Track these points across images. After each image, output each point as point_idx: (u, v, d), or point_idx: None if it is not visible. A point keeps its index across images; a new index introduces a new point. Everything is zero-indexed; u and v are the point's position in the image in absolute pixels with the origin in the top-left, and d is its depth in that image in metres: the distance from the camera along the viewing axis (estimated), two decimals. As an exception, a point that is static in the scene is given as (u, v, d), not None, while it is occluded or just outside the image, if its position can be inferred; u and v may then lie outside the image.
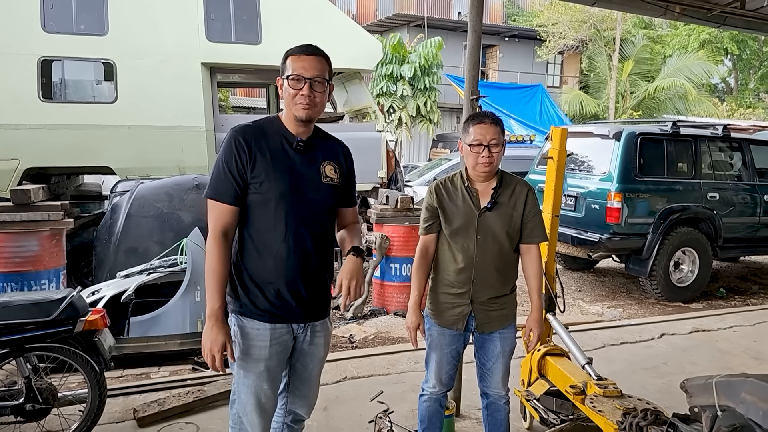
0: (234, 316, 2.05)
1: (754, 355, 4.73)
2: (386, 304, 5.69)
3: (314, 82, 1.97)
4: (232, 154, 1.97)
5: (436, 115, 17.83)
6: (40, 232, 4.61)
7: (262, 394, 2.04)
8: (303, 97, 1.97)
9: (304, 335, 2.10)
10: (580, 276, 7.85)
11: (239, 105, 18.74)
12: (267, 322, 2.02)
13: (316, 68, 1.99)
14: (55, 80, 6.55)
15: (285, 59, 2.01)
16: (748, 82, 29.36)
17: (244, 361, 2.02)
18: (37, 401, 2.88)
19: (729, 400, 1.72)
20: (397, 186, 7.40)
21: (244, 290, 2.02)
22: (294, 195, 1.99)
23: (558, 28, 21.48)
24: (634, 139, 6.40)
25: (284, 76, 2.00)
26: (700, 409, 1.81)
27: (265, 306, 2.02)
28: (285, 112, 2.06)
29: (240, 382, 2.05)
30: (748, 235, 7.05)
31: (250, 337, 2.02)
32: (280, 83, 2.03)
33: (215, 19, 6.63)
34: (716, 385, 1.76)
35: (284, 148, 2.03)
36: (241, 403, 2.06)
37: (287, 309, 2.04)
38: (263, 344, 2.01)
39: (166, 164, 6.34)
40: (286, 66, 2.00)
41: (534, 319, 2.57)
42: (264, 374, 2.03)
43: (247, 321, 2.02)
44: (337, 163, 2.14)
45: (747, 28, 6.09)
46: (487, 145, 2.37)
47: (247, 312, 2.02)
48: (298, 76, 1.97)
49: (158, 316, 4.38)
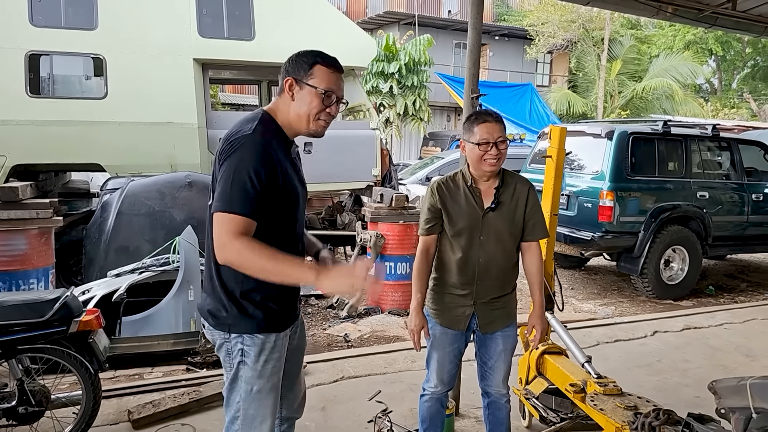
0: (244, 336, 1.89)
1: (745, 353, 4.78)
2: (381, 302, 5.66)
3: (340, 102, 1.93)
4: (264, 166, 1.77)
5: (427, 113, 17.79)
6: (28, 230, 4.53)
7: (274, 404, 1.97)
8: (328, 116, 1.90)
9: (294, 331, 2.09)
10: (571, 274, 7.89)
11: (229, 102, 18.57)
12: (281, 331, 1.95)
13: (343, 87, 1.95)
14: (43, 75, 6.43)
15: (311, 65, 1.87)
16: (732, 82, 29.82)
17: (261, 378, 1.90)
18: (29, 404, 2.82)
19: (764, 402, 1.70)
20: (391, 184, 7.37)
21: (256, 307, 1.88)
22: (297, 201, 1.96)
23: (547, 28, 21.64)
24: (626, 138, 6.44)
25: (311, 85, 1.85)
26: (729, 411, 1.80)
27: (281, 317, 1.95)
28: (288, 117, 1.90)
29: (249, 398, 1.91)
30: (736, 233, 7.14)
31: (267, 351, 1.90)
32: (291, 84, 1.87)
33: (207, 15, 6.55)
34: (750, 386, 1.75)
35: (287, 155, 1.93)
36: (248, 418, 1.92)
37: (295, 311, 2.04)
38: (278, 355, 1.94)
39: (157, 161, 6.25)
40: (313, 74, 1.86)
41: (537, 315, 2.56)
42: (277, 385, 1.96)
43: (264, 336, 1.90)
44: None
45: (737, 29, 6.16)
46: (494, 143, 2.35)
47: (265, 328, 1.90)
48: (331, 93, 1.88)
49: (150, 315, 4.33)
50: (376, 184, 7.10)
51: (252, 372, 1.90)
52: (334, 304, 5.63)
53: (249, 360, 1.89)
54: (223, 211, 1.74)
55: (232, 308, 1.88)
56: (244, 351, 1.89)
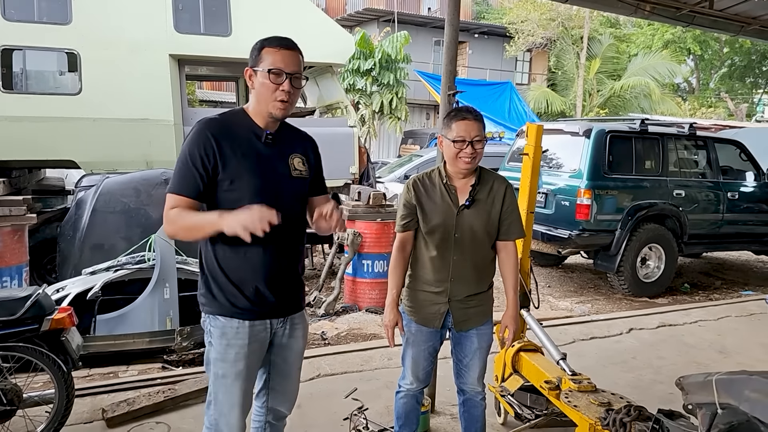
0: (210, 317, 2.00)
1: (719, 349, 4.86)
2: (358, 300, 5.66)
3: (293, 77, 1.93)
4: (199, 149, 1.89)
5: (404, 111, 17.58)
6: (0, 227, 4.44)
7: (241, 393, 2.01)
8: (283, 93, 1.92)
9: (283, 329, 2.09)
10: (548, 272, 7.96)
11: (206, 99, 18.38)
12: (246, 319, 1.98)
13: (295, 63, 1.95)
14: (16, 70, 6.30)
15: (259, 50, 1.93)
16: (709, 81, 30.28)
17: (223, 362, 1.98)
18: (1, 402, 2.77)
19: (730, 398, 1.70)
20: (369, 182, 7.37)
21: (220, 290, 1.98)
22: (267, 190, 1.95)
23: (527, 26, 21.75)
24: (604, 136, 6.50)
25: (261, 69, 1.91)
26: (696, 407, 1.81)
27: (244, 304, 1.98)
28: (254, 106, 1.98)
29: (217, 382, 2.01)
30: (711, 231, 7.22)
31: (228, 336, 1.98)
32: (250, 74, 1.95)
33: (183, 10, 6.48)
34: (716, 382, 1.75)
35: (253, 142, 1.97)
36: (218, 404, 2.01)
37: (266, 305, 2.01)
38: (242, 343, 1.98)
39: (132, 158, 6.18)
40: (262, 57, 1.92)
41: (510, 316, 2.57)
42: (243, 373, 2.00)
43: (226, 320, 1.98)
44: (305, 156, 2.11)
45: (714, 28, 6.25)
46: (470, 142, 2.35)
47: (225, 311, 1.98)
48: (280, 71, 1.90)
49: (126, 313, 4.28)
50: (353, 182, 7.09)
51: (216, 354, 2.00)
52: (312, 303, 5.61)
53: (214, 341, 2.00)
54: (167, 192, 1.93)
55: (204, 289, 2.02)
56: (211, 332, 2.01)
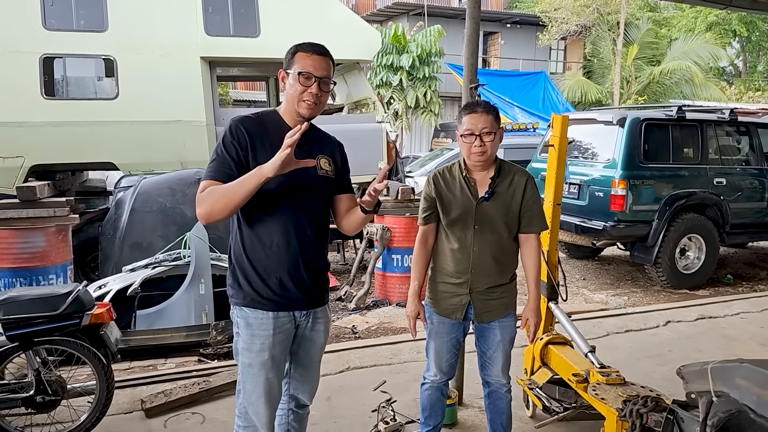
0: (237, 308, 2.09)
1: (761, 342, 4.71)
2: (388, 294, 5.71)
3: (322, 82, 2.02)
4: (233, 139, 2.01)
5: (437, 105, 17.53)
6: (46, 228, 4.65)
7: (267, 383, 2.07)
8: (311, 95, 2.01)
9: (306, 322, 2.15)
10: (584, 264, 7.83)
11: (240, 99, 18.70)
12: (270, 311, 2.06)
13: (325, 68, 2.04)
14: (57, 77, 6.56)
15: (293, 54, 2.03)
16: (757, 64, 28.94)
17: (249, 351, 2.06)
18: (46, 393, 2.92)
19: (724, 386, 1.70)
20: (397, 177, 7.39)
21: (246, 280, 2.06)
22: (293, 186, 2.03)
23: (560, 13, 21.22)
24: (639, 125, 6.34)
25: (292, 71, 2.02)
26: (697, 395, 1.81)
27: (268, 295, 2.05)
28: (285, 106, 2.09)
29: (245, 372, 2.08)
30: (756, 220, 6.96)
31: (253, 327, 2.05)
32: (283, 76, 2.05)
33: (213, 13, 6.62)
34: (711, 371, 1.75)
35: (282, 139, 2.03)
36: (246, 393, 2.09)
37: (290, 297, 2.08)
38: (267, 333, 2.05)
39: (168, 159, 6.36)
40: (294, 61, 2.02)
41: (531, 308, 2.56)
42: (268, 363, 2.06)
43: (251, 311, 2.06)
44: (331, 156, 2.19)
45: (754, 9, 6.00)
46: (479, 135, 2.36)
47: (250, 302, 2.06)
48: (309, 74, 2.00)
49: (164, 309, 4.43)
50: (383, 177, 7.10)
51: (243, 344, 2.08)
52: (343, 297, 5.68)
53: (241, 331, 2.09)
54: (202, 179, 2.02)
55: (231, 279, 2.11)
56: (238, 322, 2.10)
